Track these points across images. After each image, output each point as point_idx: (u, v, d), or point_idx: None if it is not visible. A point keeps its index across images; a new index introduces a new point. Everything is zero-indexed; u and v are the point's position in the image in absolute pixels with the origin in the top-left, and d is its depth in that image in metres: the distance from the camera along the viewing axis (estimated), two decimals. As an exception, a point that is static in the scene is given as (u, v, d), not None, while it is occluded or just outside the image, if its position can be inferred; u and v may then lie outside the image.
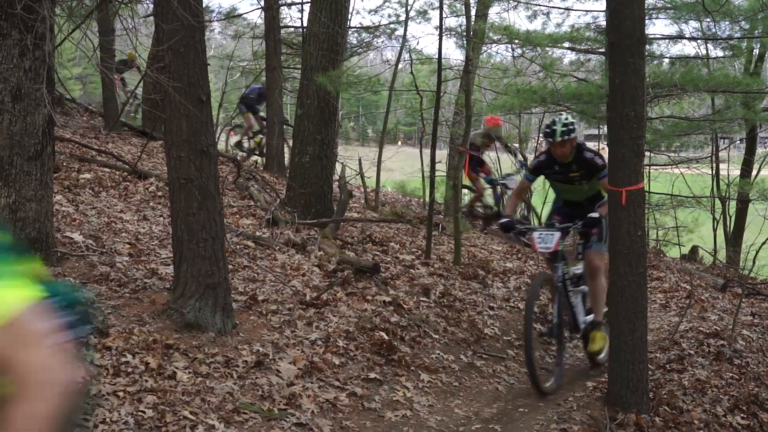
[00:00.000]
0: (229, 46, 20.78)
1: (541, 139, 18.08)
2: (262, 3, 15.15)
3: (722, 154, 17.23)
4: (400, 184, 18.48)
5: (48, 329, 1.78)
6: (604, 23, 10.60)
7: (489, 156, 15.00)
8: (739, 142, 18.45)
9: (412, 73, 13.68)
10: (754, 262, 12.95)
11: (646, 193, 10.32)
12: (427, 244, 9.41)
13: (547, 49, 11.66)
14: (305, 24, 12.27)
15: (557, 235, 6.47)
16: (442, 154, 15.01)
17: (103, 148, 11.58)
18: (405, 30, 14.74)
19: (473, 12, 11.51)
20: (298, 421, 4.87)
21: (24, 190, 6.05)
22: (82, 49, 7.11)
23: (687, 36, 11.34)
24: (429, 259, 9.22)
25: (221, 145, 15.91)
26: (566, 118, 6.62)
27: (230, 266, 6.78)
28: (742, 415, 6.03)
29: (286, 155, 13.56)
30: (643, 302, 5.68)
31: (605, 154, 6.03)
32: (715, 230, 16.37)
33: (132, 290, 6.14)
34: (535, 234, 6.61)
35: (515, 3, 12.68)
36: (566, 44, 11.69)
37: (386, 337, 6.43)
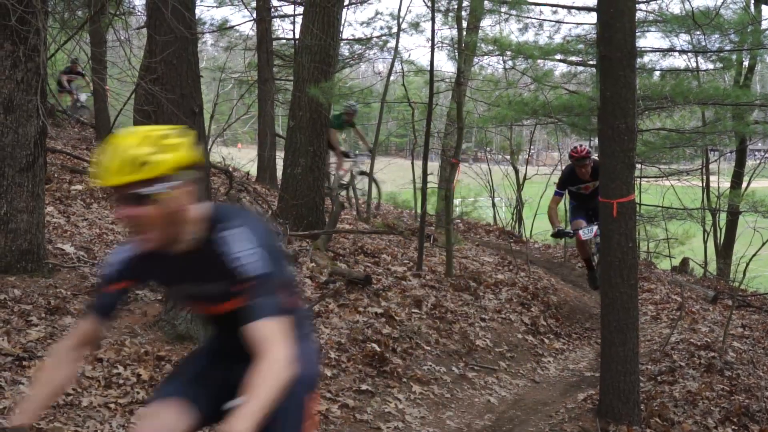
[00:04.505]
0: (221, 58, 20.76)
1: (533, 150, 18.10)
2: (255, 15, 15.18)
3: (712, 167, 17.30)
4: (391, 196, 18.50)
5: None
6: (595, 36, 10.66)
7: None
8: (729, 154, 18.53)
9: (404, 85, 13.74)
10: (744, 274, 12.98)
11: (637, 205, 10.36)
12: (419, 255, 9.41)
13: (539, 61, 11.71)
14: (297, 36, 12.30)
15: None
16: (433, 165, 15.03)
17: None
18: (397, 42, 14.81)
19: (465, 24, 11.56)
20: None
21: (15, 201, 6.05)
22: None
23: (677, 49, 11.40)
24: (421, 270, 9.22)
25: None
26: None
27: (222, 278, 6.76)
28: (733, 427, 6.05)
29: (279, 167, 13.56)
30: (634, 313, 5.70)
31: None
32: (705, 242, 16.44)
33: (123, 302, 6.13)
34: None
35: (507, 15, 12.73)
36: (558, 56, 11.73)
37: (378, 349, 6.43)
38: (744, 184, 16.01)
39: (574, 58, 12.10)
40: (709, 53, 11.11)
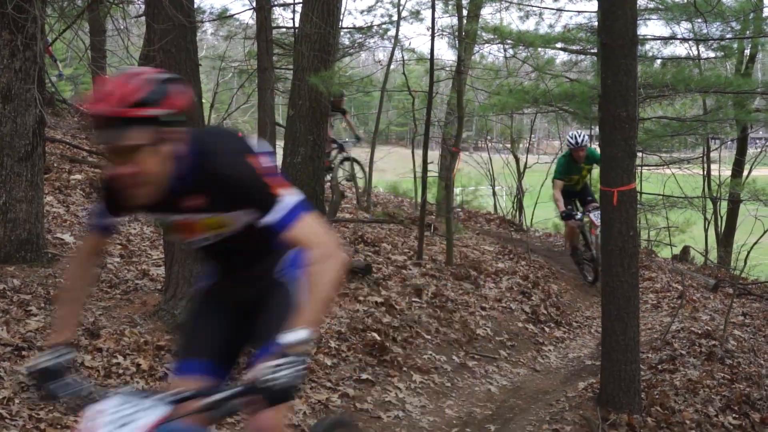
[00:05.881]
0: (221, 47, 20.72)
1: (534, 139, 18.03)
2: (254, 3, 15.11)
3: (713, 155, 17.27)
4: (392, 185, 18.47)
5: None
6: (596, 24, 10.61)
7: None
8: (730, 142, 18.50)
9: (404, 73, 13.68)
10: (745, 263, 12.98)
11: (638, 194, 10.33)
12: (419, 244, 9.39)
13: (540, 49, 11.66)
14: (297, 24, 12.25)
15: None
16: (434, 154, 15.00)
17: (94, 149, 11.53)
18: (397, 30, 14.74)
19: (465, 12, 11.52)
20: (290, 422, 4.85)
21: (14, 191, 6.04)
22: (73, 49, 7.09)
23: (679, 37, 11.35)
24: (421, 259, 9.20)
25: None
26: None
27: (222, 267, 6.75)
28: (733, 415, 6.04)
29: (278, 156, 13.53)
30: (635, 302, 5.68)
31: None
32: (706, 231, 16.42)
33: (123, 291, 6.12)
34: None
35: (507, 4, 12.68)
36: (559, 45, 11.67)
37: (378, 338, 6.42)
38: (745, 173, 15.99)
39: (575, 47, 12.05)
40: (711, 41, 11.07)
